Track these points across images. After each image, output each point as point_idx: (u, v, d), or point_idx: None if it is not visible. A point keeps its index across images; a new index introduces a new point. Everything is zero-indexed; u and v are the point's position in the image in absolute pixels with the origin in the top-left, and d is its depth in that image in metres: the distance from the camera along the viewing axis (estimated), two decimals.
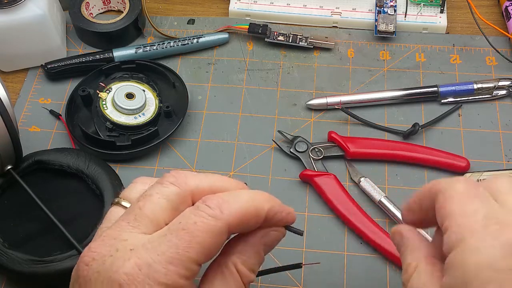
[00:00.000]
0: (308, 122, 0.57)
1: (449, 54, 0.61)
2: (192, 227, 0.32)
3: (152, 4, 0.66)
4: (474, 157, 0.53)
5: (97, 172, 0.51)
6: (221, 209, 0.32)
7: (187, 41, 0.61)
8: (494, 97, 0.57)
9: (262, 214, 0.34)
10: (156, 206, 0.33)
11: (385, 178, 0.53)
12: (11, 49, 0.59)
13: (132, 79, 0.58)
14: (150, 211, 0.33)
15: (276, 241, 0.36)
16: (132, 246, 0.32)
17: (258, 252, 0.35)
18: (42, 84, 0.60)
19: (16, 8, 0.56)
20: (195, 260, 0.31)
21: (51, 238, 0.48)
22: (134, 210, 0.34)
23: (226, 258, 0.34)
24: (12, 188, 0.51)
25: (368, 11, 0.63)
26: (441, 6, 0.62)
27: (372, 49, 0.61)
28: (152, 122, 0.55)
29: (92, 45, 0.63)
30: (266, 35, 0.61)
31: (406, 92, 0.57)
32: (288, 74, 0.60)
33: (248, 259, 0.34)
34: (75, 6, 0.63)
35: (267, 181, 0.53)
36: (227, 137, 0.56)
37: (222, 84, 0.60)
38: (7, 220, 0.49)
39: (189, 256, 0.31)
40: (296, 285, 0.47)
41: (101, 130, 0.55)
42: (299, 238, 0.49)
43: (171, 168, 0.54)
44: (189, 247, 0.31)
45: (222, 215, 0.32)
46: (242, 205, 0.33)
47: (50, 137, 0.57)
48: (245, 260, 0.34)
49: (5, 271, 0.46)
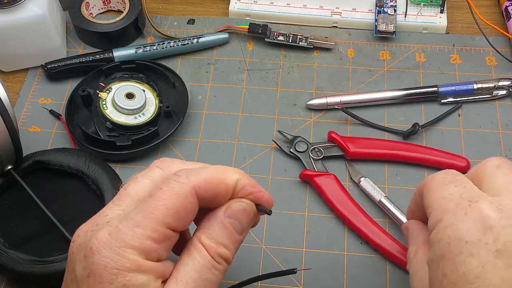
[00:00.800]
0: (308, 122, 0.57)
1: (449, 54, 0.61)
2: (159, 193, 0.33)
3: (152, 4, 0.66)
4: (474, 157, 0.53)
5: (97, 172, 0.51)
6: (187, 176, 0.34)
7: (187, 41, 0.61)
8: (494, 97, 0.57)
9: (230, 183, 0.35)
10: (138, 185, 0.35)
11: (385, 178, 0.53)
12: (11, 49, 0.59)
13: (132, 79, 0.58)
14: (133, 190, 0.35)
15: (243, 213, 0.36)
16: (109, 219, 0.34)
17: (222, 224, 0.35)
18: (42, 84, 0.60)
19: (16, 8, 0.56)
20: (162, 222, 0.33)
21: (51, 238, 0.48)
22: (120, 191, 0.36)
23: (192, 236, 0.35)
24: (12, 188, 0.51)
25: (368, 11, 0.63)
26: (441, 6, 0.62)
27: (372, 49, 0.61)
28: (152, 122, 0.55)
29: (92, 45, 0.63)
30: (266, 35, 0.61)
31: (406, 92, 0.57)
32: (288, 74, 0.60)
33: (212, 231, 0.35)
34: (75, 6, 0.63)
35: (267, 181, 0.53)
36: (227, 137, 0.56)
37: (222, 84, 0.60)
38: (7, 220, 0.49)
39: (155, 217, 0.32)
40: (296, 285, 0.47)
41: (101, 130, 0.55)
42: (299, 239, 0.49)
43: None
44: (154, 209, 0.33)
45: (187, 179, 0.34)
46: (208, 172, 0.34)
47: (50, 137, 0.57)
48: (209, 233, 0.35)
49: (5, 271, 0.46)
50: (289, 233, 0.50)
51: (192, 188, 0.34)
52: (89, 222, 0.35)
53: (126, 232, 0.32)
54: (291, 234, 0.50)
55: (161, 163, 0.37)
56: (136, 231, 0.32)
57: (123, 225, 0.32)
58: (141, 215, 0.33)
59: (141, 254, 0.32)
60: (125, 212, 0.34)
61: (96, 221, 0.34)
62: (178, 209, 0.33)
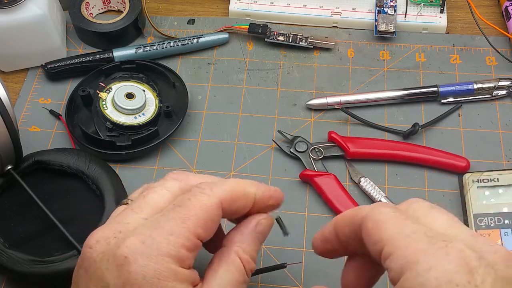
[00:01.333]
0: (308, 122, 0.57)
1: (449, 54, 0.61)
2: (187, 203, 0.34)
3: (152, 4, 0.66)
4: (474, 157, 0.53)
5: (97, 172, 0.51)
6: (211, 188, 0.35)
7: (187, 41, 0.61)
8: (494, 97, 0.57)
9: (250, 195, 0.37)
10: (158, 196, 0.36)
11: (385, 178, 0.53)
12: (11, 49, 0.59)
13: (132, 79, 0.58)
14: (153, 199, 0.36)
15: (268, 229, 0.38)
16: (133, 227, 0.34)
17: (255, 240, 0.37)
18: (42, 84, 0.60)
19: (16, 8, 0.56)
20: (193, 232, 0.34)
21: (51, 238, 0.48)
22: (139, 199, 0.36)
23: (228, 248, 0.36)
24: (12, 188, 0.51)
25: (368, 11, 0.63)
26: (441, 6, 0.62)
27: (372, 49, 0.61)
28: (152, 122, 0.55)
29: (92, 45, 0.63)
30: (266, 35, 0.61)
31: (406, 92, 0.57)
32: (288, 74, 0.60)
33: (247, 246, 0.36)
34: (75, 6, 0.63)
35: (267, 181, 0.53)
36: (227, 137, 0.56)
37: (222, 84, 0.60)
38: (7, 220, 0.49)
39: (187, 227, 0.33)
40: (296, 285, 0.47)
41: (101, 130, 0.55)
42: (299, 239, 0.49)
43: (171, 168, 0.54)
44: (186, 218, 0.34)
45: (212, 192, 0.35)
46: (231, 185, 0.36)
47: (50, 137, 0.57)
48: (245, 248, 0.36)
49: (5, 271, 0.46)
50: (290, 236, 0.50)
51: (218, 201, 0.35)
52: (107, 228, 0.34)
53: (161, 241, 0.32)
54: (291, 234, 0.50)
55: (177, 175, 0.38)
56: (171, 239, 0.33)
57: (156, 234, 0.33)
58: (173, 223, 0.33)
59: (177, 262, 0.33)
60: (149, 220, 0.34)
61: (117, 228, 0.34)
62: (207, 220, 0.34)
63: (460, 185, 0.51)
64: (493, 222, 0.48)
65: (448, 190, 0.52)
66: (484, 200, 0.49)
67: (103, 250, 0.33)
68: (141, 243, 0.32)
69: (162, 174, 0.53)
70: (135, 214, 0.35)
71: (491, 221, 0.48)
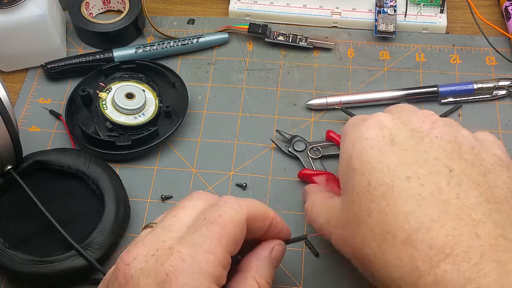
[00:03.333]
0: (308, 122, 0.57)
1: (449, 54, 0.61)
2: (219, 220, 0.35)
3: (152, 4, 0.66)
4: None
5: (97, 172, 0.51)
6: (239, 204, 0.36)
7: (187, 41, 0.61)
8: (494, 97, 0.57)
9: (269, 217, 0.39)
10: (188, 214, 0.37)
11: None
12: (11, 49, 0.59)
13: (132, 79, 0.58)
14: (183, 217, 0.37)
15: (282, 255, 0.40)
16: (170, 245, 0.34)
17: (270, 266, 0.38)
18: (42, 84, 0.61)
19: (16, 8, 0.56)
20: (227, 249, 0.34)
21: (51, 238, 0.48)
22: (168, 218, 0.37)
23: (245, 274, 0.37)
24: (12, 188, 0.51)
25: (368, 11, 0.63)
26: (441, 6, 0.62)
27: (372, 49, 0.61)
28: (152, 122, 0.55)
29: (92, 45, 0.63)
30: (266, 35, 0.61)
31: (406, 92, 0.57)
32: (288, 74, 0.60)
33: (263, 271, 0.38)
34: (75, 6, 0.63)
35: (267, 181, 0.53)
36: (227, 137, 0.56)
37: (222, 84, 0.60)
38: (7, 220, 0.49)
39: (223, 245, 0.34)
40: (296, 285, 0.47)
41: (101, 130, 0.55)
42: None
43: (171, 168, 0.54)
44: (221, 237, 0.34)
45: (241, 207, 0.36)
46: (255, 204, 0.38)
47: (50, 137, 0.57)
48: (262, 275, 0.37)
49: (5, 271, 0.46)
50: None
51: (246, 217, 0.36)
52: (143, 246, 0.35)
53: (201, 260, 0.33)
54: (291, 234, 0.50)
55: (202, 195, 0.39)
56: (209, 258, 0.33)
57: (194, 252, 0.33)
58: (209, 242, 0.34)
59: (215, 280, 0.33)
60: (185, 238, 0.34)
61: (154, 246, 0.35)
62: (237, 237, 0.35)
63: None
64: None
65: None
66: None
67: (141, 267, 0.34)
68: (182, 261, 0.33)
69: (162, 174, 0.54)
70: (169, 233, 0.35)
71: None
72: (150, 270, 0.33)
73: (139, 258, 0.34)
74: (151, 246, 0.35)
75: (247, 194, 0.52)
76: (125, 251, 0.35)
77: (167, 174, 0.54)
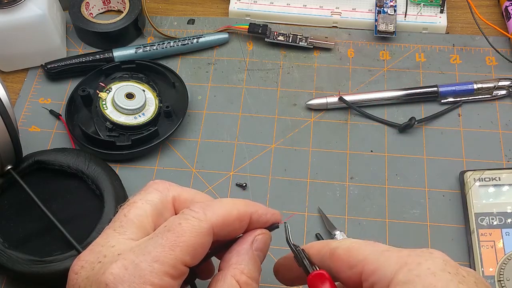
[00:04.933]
0: (308, 122, 0.57)
1: (449, 54, 0.61)
2: (177, 228, 0.33)
3: (152, 4, 0.66)
4: (474, 157, 0.53)
5: (97, 172, 0.51)
6: (204, 212, 0.34)
7: (187, 41, 0.61)
8: (494, 97, 0.57)
9: (245, 218, 0.35)
10: (140, 211, 0.35)
11: (385, 178, 0.53)
12: (11, 49, 0.59)
13: (132, 79, 0.58)
14: (135, 216, 0.35)
15: (266, 244, 0.37)
16: (119, 251, 0.33)
17: (253, 259, 0.35)
18: (42, 84, 0.60)
19: (16, 8, 0.56)
20: (181, 260, 0.32)
21: (51, 238, 0.48)
22: (120, 217, 0.35)
23: (224, 272, 0.34)
24: (12, 188, 0.51)
25: (368, 11, 0.63)
26: (441, 6, 0.62)
27: (372, 49, 0.61)
28: (152, 122, 0.55)
29: (92, 45, 0.63)
30: (266, 35, 0.61)
31: (406, 92, 0.57)
32: (288, 74, 0.60)
33: (245, 267, 0.35)
34: (75, 6, 0.63)
35: (267, 181, 0.53)
36: (227, 137, 0.56)
37: (222, 84, 0.60)
38: (7, 220, 0.49)
39: (175, 255, 0.32)
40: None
41: (101, 130, 0.55)
42: (299, 239, 0.49)
43: (171, 168, 0.54)
44: (174, 245, 0.32)
45: (205, 216, 0.33)
46: (225, 210, 0.34)
47: (50, 137, 0.57)
48: (243, 269, 0.35)
49: (5, 271, 0.46)
50: (292, 234, 0.50)
51: (210, 226, 0.33)
52: (91, 252, 0.34)
53: (144, 268, 0.31)
54: (294, 234, 0.50)
55: (158, 185, 0.37)
56: (155, 267, 0.31)
57: (140, 260, 0.31)
58: (160, 250, 0.32)
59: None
60: (137, 244, 0.33)
61: (102, 252, 0.33)
62: (196, 247, 0.33)
63: (461, 184, 0.51)
64: (495, 221, 0.48)
65: (448, 190, 0.52)
66: (485, 199, 0.49)
67: (87, 276, 0.32)
68: (124, 270, 0.31)
69: (162, 174, 0.54)
70: (119, 236, 0.34)
71: (492, 220, 0.48)
72: (93, 280, 0.32)
73: (86, 266, 0.33)
74: (99, 251, 0.33)
75: (247, 194, 0.52)
76: (76, 258, 0.34)
77: (167, 174, 0.54)
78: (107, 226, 0.35)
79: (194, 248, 0.33)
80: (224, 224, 0.34)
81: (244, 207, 0.36)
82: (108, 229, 0.35)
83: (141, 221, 0.34)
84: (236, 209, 0.35)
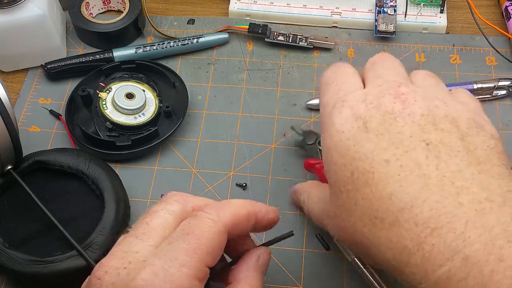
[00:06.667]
0: (308, 122, 0.57)
1: (449, 54, 0.61)
2: (197, 231, 0.34)
3: (152, 4, 0.66)
4: None
5: (97, 172, 0.51)
6: (217, 213, 0.36)
7: (187, 41, 0.61)
8: (494, 97, 0.57)
9: (253, 217, 0.38)
10: (162, 220, 0.36)
11: None
12: (11, 49, 0.59)
13: (132, 79, 0.58)
14: (157, 225, 0.36)
15: (268, 260, 0.40)
16: (144, 257, 0.34)
17: (259, 274, 0.38)
18: (42, 84, 0.61)
19: (16, 8, 0.56)
20: (204, 262, 0.34)
21: (51, 238, 0.48)
22: (142, 225, 0.36)
23: (235, 285, 0.37)
24: (12, 188, 0.51)
25: (368, 11, 0.63)
26: (441, 6, 0.62)
27: (372, 49, 0.61)
28: (152, 122, 0.55)
29: (92, 45, 0.63)
30: (266, 35, 0.61)
31: None
32: (288, 74, 0.60)
33: (252, 281, 0.37)
34: (75, 6, 0.63)
35: (267, 181, 0.53)
36: (227, 137, 0.56)
37: (222, 84, 0.60)
38: (7, 220, 0.49)
39: (198, 257, 0.33)
40: (296, 285, 0.47)
41: (101, 130, 0.55)
42: (299, 239, 0.49)
43: (171, 168, 0.54)
44: (197, 249, 0.34)
45: (219, 218, 0.35)
46: (235, 209, 0.37)
47: (50, 137, 0.57)
48: (251, 283, 0.37)
49: (5, 271, 0.46)
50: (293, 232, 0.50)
51: (225, 227, 0.35)
52: (114, 258, 0.34)
53: (174, 273, 0.32)
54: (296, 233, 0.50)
55: (177, 197, 0.38)
56: (183, 271, 0.33)
57: (169, 265, 0.33)
58: (184, 254, 0.33)
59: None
60: (160, 249, 0.34)
61: (126, 257, 0.34)
62: (215, 248, 0.35)
63: None
64: None
65: None
66: None
67: (112, 281, 0.33)
68: (154, 276, 0.32)
69: (162, 174, 0.54)
70: (142, 242, 0.35)
71: None
72: (121, 285, 0.32)
73: (111, 272, 0.33)
74: (123, 257, 0.34)
75: (247, 194, 0.52)
76: (98, 263, 0.35)
77: (167, 174, 0.54)
78: (128, 234, 0.36)
79: (213, 249, 0.34)
80: (236, 223, 0.36)
81: (251, 207, 0.38)
82: (129, 236, 0.35)
83: (163, 230, 0.36)
84: (244, 208, 0.37)
